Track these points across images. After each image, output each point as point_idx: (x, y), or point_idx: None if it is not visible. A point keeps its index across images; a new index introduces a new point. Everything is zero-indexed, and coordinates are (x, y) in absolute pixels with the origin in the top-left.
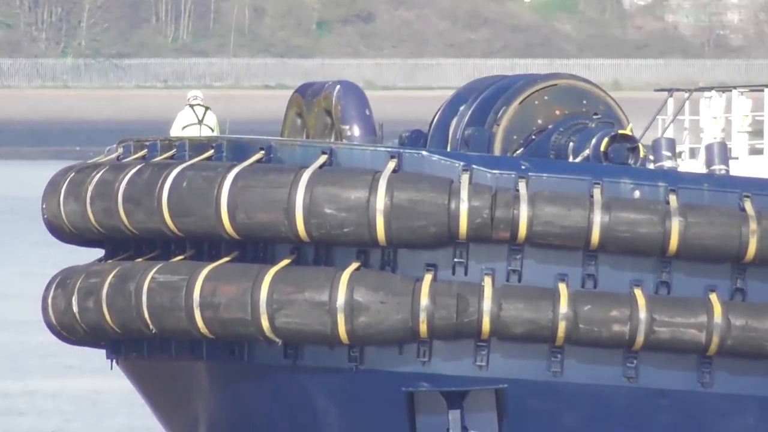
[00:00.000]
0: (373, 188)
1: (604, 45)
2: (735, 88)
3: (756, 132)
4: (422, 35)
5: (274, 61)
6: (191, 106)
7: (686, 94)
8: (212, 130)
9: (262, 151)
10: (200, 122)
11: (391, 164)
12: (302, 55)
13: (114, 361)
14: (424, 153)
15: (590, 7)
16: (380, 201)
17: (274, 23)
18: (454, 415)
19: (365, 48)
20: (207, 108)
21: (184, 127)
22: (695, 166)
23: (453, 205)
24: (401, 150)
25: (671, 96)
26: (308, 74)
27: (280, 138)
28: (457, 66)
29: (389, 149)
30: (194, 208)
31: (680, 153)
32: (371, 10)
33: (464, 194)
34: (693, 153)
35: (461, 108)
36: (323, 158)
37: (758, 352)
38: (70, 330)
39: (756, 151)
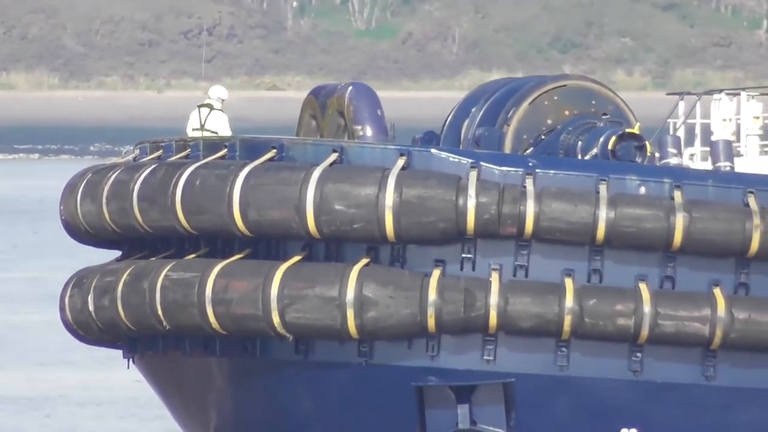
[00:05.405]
0: (382, 185)
1: None
2: (744, 89)
3: (767, 134)
4: None
5: None
6: (198, 107)
7: (696, 98)
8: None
9: (274, 150)
10: (202, 127)
11: (401, 161)
12: None
13: (130, 360)
14: (433, 151)
15: None
16: (389, 197)
17: None
18: (462, 410)
19: None
20: (212, 109)
21: (194, 130)
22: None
23: (461, 202)
24: (410, 148)
25: (682, 99)
26: None
27: (292, 137)
28: None
29: (399, 147)
30: (207, 206)
31: (692, 155)
32: None
33: (472, 191)
34: (705, 156)
35: (473, 110)
36: (334, 156)
37: (761, 345)
38: (86, 328)
39: (766, 153)
